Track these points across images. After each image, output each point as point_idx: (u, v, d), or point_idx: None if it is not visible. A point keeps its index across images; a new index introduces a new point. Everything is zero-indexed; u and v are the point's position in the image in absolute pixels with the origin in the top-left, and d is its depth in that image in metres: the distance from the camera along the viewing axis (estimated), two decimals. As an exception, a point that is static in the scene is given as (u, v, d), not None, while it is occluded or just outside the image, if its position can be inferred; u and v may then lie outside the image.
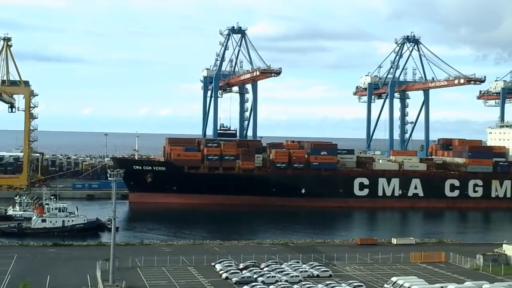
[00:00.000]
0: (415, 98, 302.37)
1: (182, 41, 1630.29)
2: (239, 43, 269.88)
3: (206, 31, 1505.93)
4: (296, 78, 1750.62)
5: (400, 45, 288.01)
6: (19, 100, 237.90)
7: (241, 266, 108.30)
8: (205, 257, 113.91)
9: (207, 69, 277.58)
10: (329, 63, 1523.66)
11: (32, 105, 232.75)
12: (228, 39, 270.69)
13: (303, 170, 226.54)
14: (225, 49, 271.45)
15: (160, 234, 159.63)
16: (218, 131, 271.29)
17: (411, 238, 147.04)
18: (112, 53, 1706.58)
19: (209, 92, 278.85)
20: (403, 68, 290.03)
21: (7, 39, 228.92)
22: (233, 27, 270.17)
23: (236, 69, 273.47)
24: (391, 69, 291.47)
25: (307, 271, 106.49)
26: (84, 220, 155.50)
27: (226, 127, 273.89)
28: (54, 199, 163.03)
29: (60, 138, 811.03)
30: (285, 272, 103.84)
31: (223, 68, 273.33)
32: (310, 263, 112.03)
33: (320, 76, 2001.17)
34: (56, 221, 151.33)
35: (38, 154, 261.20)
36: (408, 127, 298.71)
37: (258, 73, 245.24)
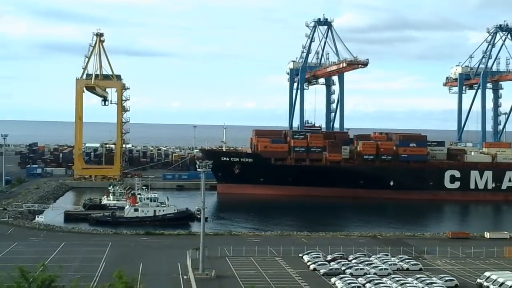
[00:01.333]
0: (508, 88, 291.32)
1: (267, 34, 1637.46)
2: (325, 35, 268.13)
3: (290, 24, 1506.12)
4: (383, 69, 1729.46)
5: (492, 34, 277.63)
6: (112, 94, 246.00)
7: (329, 257, 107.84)
8: (292, 248, 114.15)
9: (293, 61, 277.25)
10: (416, 54, 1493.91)
11: (123, 98, 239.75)
12: (314, 31, 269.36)
13: (391, 162, 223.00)
14: (311, 41, 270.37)
15: (247, 225, 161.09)
16: (304, 128, 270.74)
17: (505, 232, 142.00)
18: (199, 47, 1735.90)
19: (295, 85, 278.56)
20: (495, 58, 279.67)
21: (99, 35, 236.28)
22: (319, 19, 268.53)
23: (322, 61, 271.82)
24: (483, 59, 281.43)
25: (396, 264, 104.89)
26: (175, 210, 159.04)
27: (311, 123, 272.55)
28: (146, 189, 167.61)
29: (150, 130, 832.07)
30: (373, 265, 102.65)
31: (309, 60, 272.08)
32: (400, 256, 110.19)
33: (408, 67, 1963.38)
34: (148, 211, 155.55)
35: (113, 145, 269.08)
36: (502, 118, 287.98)
37: (344, 64, 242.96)
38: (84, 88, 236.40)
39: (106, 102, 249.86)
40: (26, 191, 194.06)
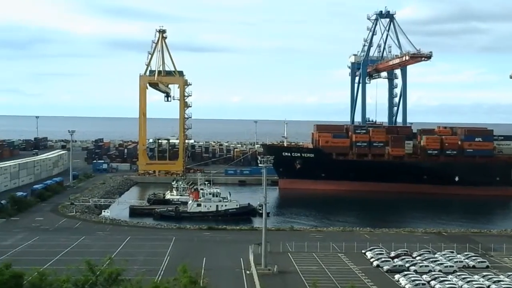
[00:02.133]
0: None
1: (330, 27, 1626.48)
2: (387, 28, 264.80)
3: (352, 17, 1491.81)
4: (447, 62, 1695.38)
5: None
6: (174, 90, 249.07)
7: (392, 254, 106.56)
8: (355, 244, 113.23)
9: (354, 55, 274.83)
10: (482, 46, 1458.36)
11: (186, 94, 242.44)
12: (376, 24, 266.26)
13: (456, 157, 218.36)
14: (373, 34, 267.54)
15: (309, 220, 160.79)
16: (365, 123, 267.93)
17: None
18: (261, 42, 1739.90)
19: (356, 79, 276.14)
20: None
21: (162, 31, 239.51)
22: (381, 11, 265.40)
23: (384, 54, 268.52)
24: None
25: (462, 261, 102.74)
26: (237, 205, 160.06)
27: (372, 121, 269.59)
28: (208, 185, 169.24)
29: (212, 126, 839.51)
30: (438, 262, 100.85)
31: (371, 54, 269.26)
32: (466, 253, 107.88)
33: (473, 59, 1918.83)
34: (210, 206, 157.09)
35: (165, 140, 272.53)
36: None
37: (407, 57, 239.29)
38: (148, 85, 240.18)
39: (169, 98, 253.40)
40: (92, 186, 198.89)
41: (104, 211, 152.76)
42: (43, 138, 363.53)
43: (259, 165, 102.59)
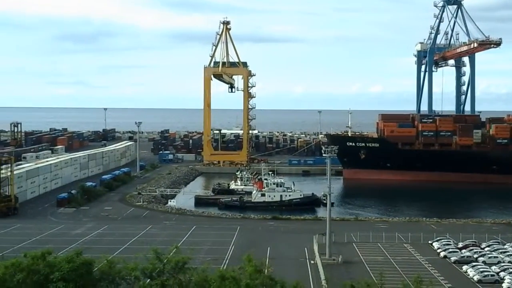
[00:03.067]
0: None
1: (392, 15, 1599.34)
2: (454, 15, 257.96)
3: (418, 4, 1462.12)
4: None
5: None
6: (238, 81, 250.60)
7: (460, 245, 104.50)
8: (421, 234, 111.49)
9: (420, 43, 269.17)
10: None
11: (250, 85, 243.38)
12: (443, 11, 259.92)
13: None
14: (439, 22, 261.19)
15: (374, 210, 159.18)
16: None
17: None
18: (324, 31, 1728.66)
19: (423, 67, 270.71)
20: None
21: (226, 23, 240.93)
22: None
23: (452, 41, 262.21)
24: None
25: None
26: (301, 195, 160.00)
27: (436, 112, 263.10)
28: (272, 175, 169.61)
29: (275, 116, 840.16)
30: (508, 253, 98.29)
31: (437, 42, 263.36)
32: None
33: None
34: (274, 196, 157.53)
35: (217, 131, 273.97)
36: None
37: (476, 45, 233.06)
38: (212, 76, 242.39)
39: (233, 89, 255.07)
40: (159, 176, 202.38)
41: (170, 201, 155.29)
42: (111, 130, 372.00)
43: (323, 155, 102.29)
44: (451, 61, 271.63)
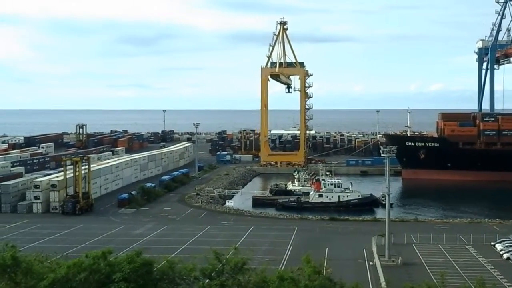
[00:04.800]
0: None
1: (452, 12, 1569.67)
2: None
3: (478, 0, 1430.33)
4: None
5: None
6: (295, 81, 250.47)
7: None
8: (483, 236, 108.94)
9: (482, 40, 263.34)
10: None
11: (307, 85, 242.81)
12: (505, 7, 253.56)
13: None
14: (501, 18, 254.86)
15: (434, 211, 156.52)
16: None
17: None
18: (382, 30, 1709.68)
19: (484, 64, 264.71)
20: None
21: (283, 23, 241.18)
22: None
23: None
24: None
25: None
26: (359, 196, 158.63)
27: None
28: (330, 175, 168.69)
29: (333, 116, 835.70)
30: None
31: (499, 38, 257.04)
32: None
33: None
34: (332, 196, 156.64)
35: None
36: None
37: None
38: (269, 76, 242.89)
39: (290, 89, 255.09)
40: (216, 177, 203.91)
41: (228, 202, 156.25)
42: (170, 131, 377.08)
43: (382, 155, 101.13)
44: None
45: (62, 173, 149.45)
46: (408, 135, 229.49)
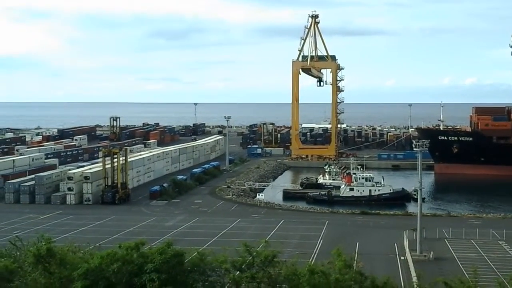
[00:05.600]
0: None
1: (486, 5, 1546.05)
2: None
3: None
4: None
5: None
6: (326, 74, 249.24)
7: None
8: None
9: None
10: None
11: (338, 79, 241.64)
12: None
13: None
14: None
15: (467, 206, 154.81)
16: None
17: None
18: (415, 23, 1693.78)
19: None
20: None
21: (314, 17, 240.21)
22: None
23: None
24: None
25: None
26: (390, 190, 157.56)
27: None
28: (361, 169, 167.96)
29: (365, 110, 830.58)
30: None
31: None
32: None
33: None
34: (363, 190, 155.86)
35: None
36: None
37: None
38: (300, 70, 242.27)
39: (321, 83, 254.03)
40: (247, 170, 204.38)
41: (259, 195, 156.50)
42: (201, 124, 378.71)
43: (414, 149, 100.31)
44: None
45: (95, 165, 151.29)
46: (441, 129, 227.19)
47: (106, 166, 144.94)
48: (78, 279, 52.08)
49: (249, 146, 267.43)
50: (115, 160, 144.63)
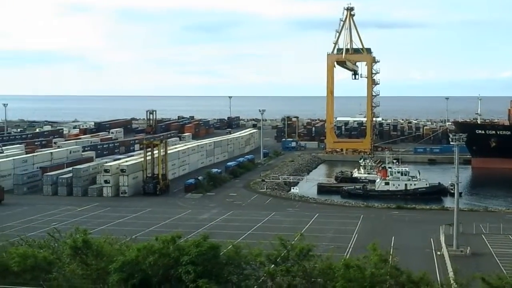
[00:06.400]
0: None
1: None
2: None
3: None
4: None
5: None
6: (362, 67, 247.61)
7: None
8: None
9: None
10: None
11: (374, 72, 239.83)
12: None
13: None
14: None
15: (505, 201, 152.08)
16: None
17: None
18: (450, 15, 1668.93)
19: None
20: None
21: (350, 9, 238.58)
22: None
23: None
24: None
25: None
26: (426, 184, 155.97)
27: None
28: (396, 163, 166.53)
29: (400, 103, 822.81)
30: None
31: None
32: None
33: None
34: (398, 184, 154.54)
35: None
36: None
37: None
38: (335, 63, 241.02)
39: (356, 76, 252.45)
40: (282, 164, 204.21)
41: (293, 188, 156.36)
42: (236, 117, 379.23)
43: (451, 143, 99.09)
44: None
45: (131, 157, 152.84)
46: (479, 122, 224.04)
47: (138, 160, 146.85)
48: (114, 271, 52.70)
49: (284, 139, 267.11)
50: (156, 152, 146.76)
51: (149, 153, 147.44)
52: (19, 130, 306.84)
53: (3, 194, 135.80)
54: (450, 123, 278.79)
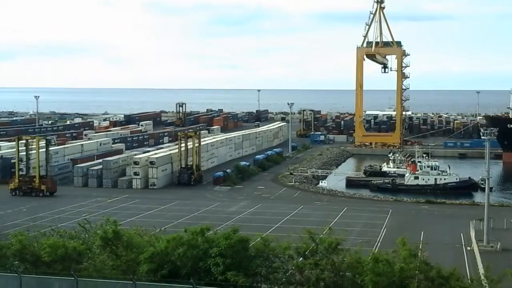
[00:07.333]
0: None
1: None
2: None
3: None
4: None
5: None
6: (391, 61, 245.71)
7: None
8: None
9: None
10: None
11: (403, 65, 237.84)
12: None
13: None
14: None
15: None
16: None
17: None
18: (485, 8, 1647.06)
19: None
20: None
21: (380, 1, 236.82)
22: None
23: None
24: None
25: None
26: (456, 179, 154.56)
27: None
28: (426, 157, 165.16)
29: (430, 97, 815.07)
30: None
31: None
32: None
33: None
34: (428, 179, 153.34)
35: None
36: None
37: None
38: (365, 56, 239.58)
39: (386, 69, 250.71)
40: (310, 157, 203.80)
41: (322, 182, 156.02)
42: (264, 111, 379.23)
43: (482, 137, 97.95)
44: None
45: (160, 150, 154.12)
46: (510, 117, 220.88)
47: (171, 152, 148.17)
48: (144, 262, 53.09)
49: (312, 133, 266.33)
50: (189, 143, 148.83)
51: (183, 144, 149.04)
52: (50, 122, 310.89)
53: (56, 186, 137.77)
54: (481, 117, 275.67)
